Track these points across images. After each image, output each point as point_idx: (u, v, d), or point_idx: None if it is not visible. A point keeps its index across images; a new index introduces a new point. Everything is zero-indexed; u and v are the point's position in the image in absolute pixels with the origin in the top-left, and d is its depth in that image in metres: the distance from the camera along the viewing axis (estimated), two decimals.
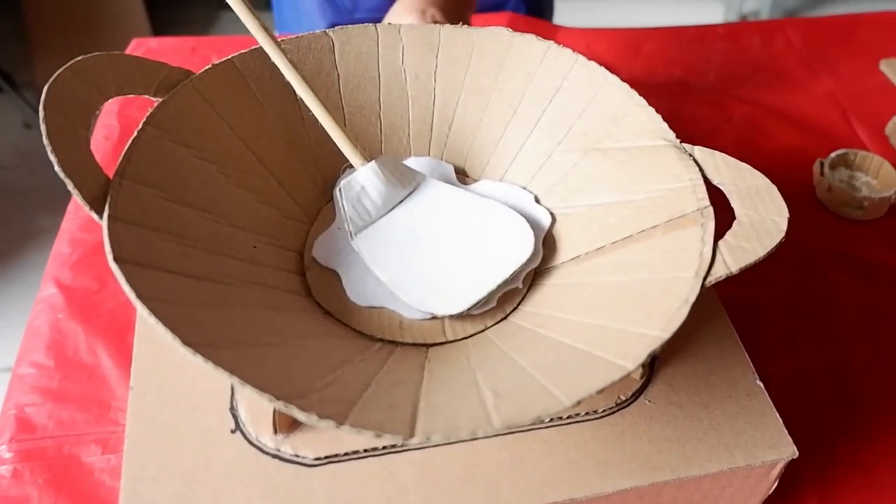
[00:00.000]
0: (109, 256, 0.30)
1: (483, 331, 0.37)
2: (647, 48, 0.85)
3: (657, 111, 0.41)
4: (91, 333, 0.55)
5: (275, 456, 0.34)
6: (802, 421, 0.52)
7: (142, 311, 0.29)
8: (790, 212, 0.38)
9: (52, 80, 0.33)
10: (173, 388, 0.36)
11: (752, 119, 0.76)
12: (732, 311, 0.41)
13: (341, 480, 0.33)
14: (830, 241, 0.64)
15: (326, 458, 0.34)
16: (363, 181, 0.39)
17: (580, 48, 0.55)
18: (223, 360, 0.28)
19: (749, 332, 0.39)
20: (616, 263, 0.37)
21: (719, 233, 0.35)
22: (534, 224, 0.41)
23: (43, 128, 0.32)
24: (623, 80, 0.43)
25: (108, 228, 0.31)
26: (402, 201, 0.41)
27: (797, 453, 0.35)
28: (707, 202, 0.36)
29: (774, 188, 0.37)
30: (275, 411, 0.34)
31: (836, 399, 0.54)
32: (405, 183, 0.41)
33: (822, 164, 0.67)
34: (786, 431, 0.36)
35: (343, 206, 0.39)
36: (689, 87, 0.80)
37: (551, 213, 0.42)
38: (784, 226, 0.35)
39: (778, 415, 0.36)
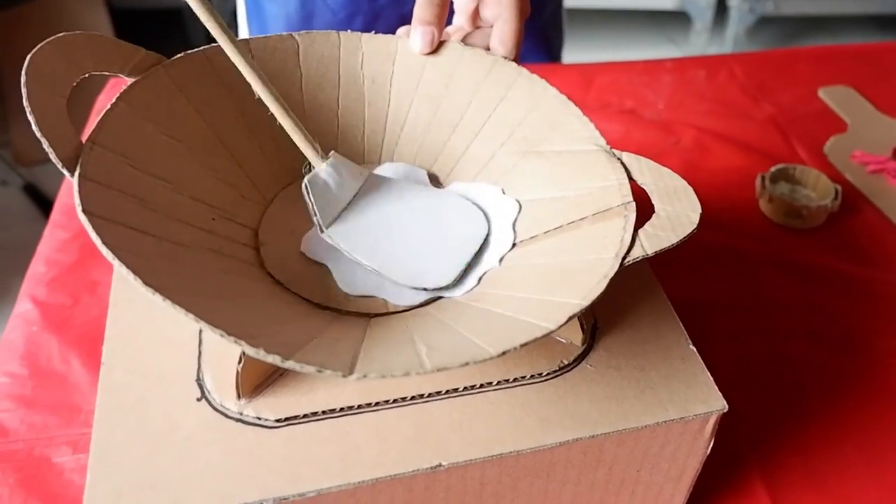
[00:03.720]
0: (79, 209, 0.33)
1: (422, 305, 0.40)
2: (599, 81, 0.90)
3: (609, 136, 0.44)
4: (64, 344, 0.57)
5: (238, 420, 0.36)
6: (746, 410, 0.55)
7: (106, 255, 0.31)
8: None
9: (34, 51, 0.36)
10: (142, 364, 0.38)
11: (699, 142, 0.81)
12: (682, 313, 0.44)
13: (300, 440, 0.35)
14: (773, 249, 0.68)
15: (287, 419, 0.36)
16: (325, 176, 0.42)
17: None
18: (181, 302, 0.30)
19: (697, 331, 0.42)
20: (546, 249, 0.40)
21: (640, 226, 0.39)
22: (503, 212, 0.44)
23: (24, 92, 0.34)
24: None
25: (78, 185, 0.34)
26: (356, 195, 0.43)
27: (727, 407, 0.38)
28: (630, 198, 0.40)
29: (690, 189, 0.40)
30: (237, 377, 0.36)
31: (778, 390, 0.57)
32: (356, 177, 0.44)
33: (763, 178, 0.71)
34: (716, 388, 0.38)
35: (311, 200, 0.41)
36: (640, 115, 0.85)
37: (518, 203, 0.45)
38: (696, 219, 0.38)
39: (709, 374, 0.39)
